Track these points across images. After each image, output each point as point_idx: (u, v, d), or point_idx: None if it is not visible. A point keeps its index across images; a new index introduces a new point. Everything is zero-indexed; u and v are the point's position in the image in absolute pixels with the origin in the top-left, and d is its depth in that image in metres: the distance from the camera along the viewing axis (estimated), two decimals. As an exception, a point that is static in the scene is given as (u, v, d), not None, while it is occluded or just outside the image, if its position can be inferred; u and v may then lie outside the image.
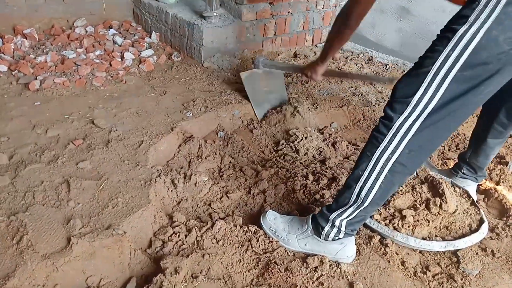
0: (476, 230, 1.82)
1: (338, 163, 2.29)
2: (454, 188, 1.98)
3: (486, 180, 2.22)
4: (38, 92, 2.56)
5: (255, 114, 2.71)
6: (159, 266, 1.56)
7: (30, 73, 2.72)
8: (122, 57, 3.08)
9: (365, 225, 1.83)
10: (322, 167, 2.24)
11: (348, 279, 1.60)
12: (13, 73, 2.71)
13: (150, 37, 3.47)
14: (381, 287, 1.61)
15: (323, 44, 3.93)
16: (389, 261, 1.71)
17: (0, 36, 3.06)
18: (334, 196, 1.78)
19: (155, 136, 2.24)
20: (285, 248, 1.72)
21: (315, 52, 3.62)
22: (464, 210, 1.88)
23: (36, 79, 2.65)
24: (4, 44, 2.99)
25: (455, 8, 1.56)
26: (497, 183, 2.25)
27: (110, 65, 2.96)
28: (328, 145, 2.48)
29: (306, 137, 2.43)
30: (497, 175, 2.28)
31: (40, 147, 2.07)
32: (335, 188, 2.04)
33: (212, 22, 3.09)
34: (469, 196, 1.98)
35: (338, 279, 1.60)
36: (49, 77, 2.67)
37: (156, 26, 3.48)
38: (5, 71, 2.74)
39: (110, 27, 3.50)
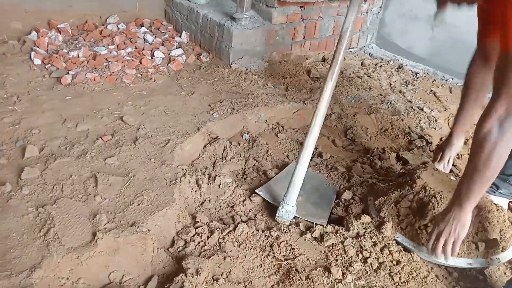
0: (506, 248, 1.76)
1: (363, 171, 2.26)
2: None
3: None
4: (70, 87, 2.61)
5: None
6: (181, 266, 1.57)
7: (62, 67, 2.78)
8: (152, 56, 3.12)
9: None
10: (349, 173, 2.22)
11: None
12: (46, 66, 2.78)
13: (180, 36, 3.51)
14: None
15: (353, 49, 3.91)
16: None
17: (35, 30, 3.13)
18: None
19: (182, 135, 2.25)
20: (306, 256, 1.70)
21: (344, 58, 3.58)
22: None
23: (68, 73, 2.70)
24: (39, 38, 3.06)
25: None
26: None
27: (140, 62, 3.00)
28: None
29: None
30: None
31: (70, 141, 2.11)
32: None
33: (242, 24, 3.10)
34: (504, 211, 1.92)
35: (360, 291, 1.57)
36: (81, 72, 2.72)
37: (187, 25, 3.51)
38: (39, 64, 2.81)
39: (142, 25, 3.55)
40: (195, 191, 1.98)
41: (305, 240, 1.78)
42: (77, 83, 2.64)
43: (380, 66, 3.56)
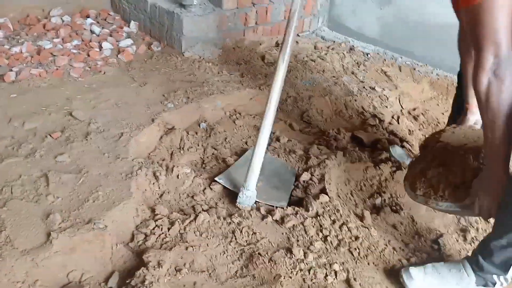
0: None
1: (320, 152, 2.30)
2: None
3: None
4: (14, 84, 2.49)
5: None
6: (142, 260, 1.55)
7: (5, 64, 2.65)
8: (100, 47, 3.02)
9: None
10: (307, 155, 2.25)
11: (334, 269, 1.61)
12: (-13, 64, 2.63)
13: (129, 26, 3.40)
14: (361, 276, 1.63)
15: (305, 33, 3.94)
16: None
17: (-28, 26, 2.96)
18: (492, 250, 1.50)
19: (136, 128, 2.20)
20: (268, 239, 1.72)
21: (297, 42, 3.60)
22: None
23: (11, 70, 2.57)
24: (-23, 34, 2.89)
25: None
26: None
27: (88, 55, 2.90)
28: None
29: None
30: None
31: (17, 140, 2.02)
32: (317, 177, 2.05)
33: (192, 11, 3.04)
34: None
35: (323, 269, 1.60)
36: (25, 68, 2.60)
37: (135, 15, 3.41)
38: (-21, 62, 2.66)
39: (88, 17, 3.42)
40: (153, 183, 1.94)
41: (266, 223, 1.79)
42: (21, 80, 2.52)
43: (333, 48, 3.61)
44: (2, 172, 1.81)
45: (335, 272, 1.59)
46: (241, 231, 1.72)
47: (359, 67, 3.33)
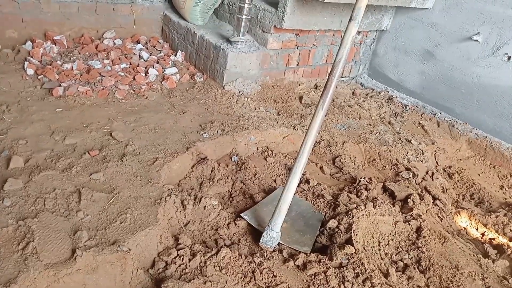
0: None
1: (349, 200, 2.26)
2: None
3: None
4: (61, 99, 2.60)
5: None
6: (160, 288, 1.54)
7: (55, 79, 2.78)
8: (146, 73, 3.13)
9: None
10: (335, 202, 2.22)
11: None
12: (39, 77, 2.77)
13: (175, 55, 3.53)
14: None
15: (345, 78, 3.98)
16: None
17: (30, 40, 3.14)
18: None
19: (170, 154, 2.24)
20: (288, 284, 1.68)
21: (336, 87, 3.62)
22: None
23: (60, 85, 2.70)
24: (34, 48, 3.06)
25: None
26: (511, 239, 2.20)
27: (134, 79, 3.00)
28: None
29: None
30: (510, 230, 2.24)
31: (57, 153, 2.09)
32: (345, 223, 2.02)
33: (238, 47, 3.13)
34: None
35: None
36: (73, 85, 2.71)
37: (183, 45, 3.54)
38: (32, 74, 2.80)
39: (138, 42, 3.58)
40: (180, 211, 1.96)
41: (287, 267, 1.76)
42: (68, 96, 2.63)
43: (371, 96, 3.61)
44: (38, 183, 1.86)
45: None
46: (261, 272, 1.70)
47: (396, 118, 3.31)
